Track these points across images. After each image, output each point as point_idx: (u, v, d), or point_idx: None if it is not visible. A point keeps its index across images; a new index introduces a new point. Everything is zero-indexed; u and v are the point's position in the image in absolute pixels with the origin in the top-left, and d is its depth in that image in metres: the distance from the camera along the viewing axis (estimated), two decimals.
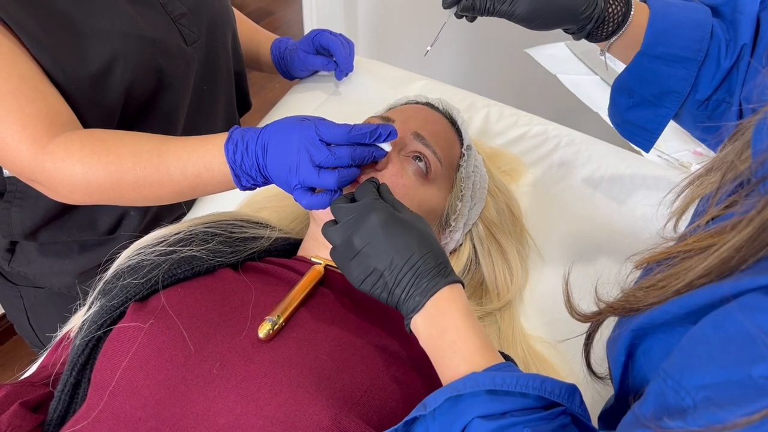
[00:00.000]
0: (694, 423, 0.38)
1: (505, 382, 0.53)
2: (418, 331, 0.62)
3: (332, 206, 0.66)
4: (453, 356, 0.59)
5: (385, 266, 0.61)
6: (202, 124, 0.96)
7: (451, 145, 0.85)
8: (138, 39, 0.79)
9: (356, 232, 0.63)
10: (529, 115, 1.16)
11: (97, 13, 0.76)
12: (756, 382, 0.36)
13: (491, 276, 0.87)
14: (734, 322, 0.39)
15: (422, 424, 0.56)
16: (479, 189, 0.87)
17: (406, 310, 0.61)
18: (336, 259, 0.65)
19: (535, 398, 0.53)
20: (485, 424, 0.52)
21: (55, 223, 0.89)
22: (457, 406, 0.54)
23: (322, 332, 0.68)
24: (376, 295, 0.63)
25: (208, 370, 0.62)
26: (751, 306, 0.38)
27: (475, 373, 0.55)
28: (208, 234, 0.78)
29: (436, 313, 0.60)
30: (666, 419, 0.40)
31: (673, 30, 0.75)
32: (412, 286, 0.61)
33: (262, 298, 0.71)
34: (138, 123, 0.84)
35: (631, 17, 0.75)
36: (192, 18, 0.87)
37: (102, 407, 0.62)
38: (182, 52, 0.86)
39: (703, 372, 0.40)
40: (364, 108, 0.97)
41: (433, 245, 0.63)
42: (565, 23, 0.76)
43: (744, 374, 0.37)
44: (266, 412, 0.59)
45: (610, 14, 0.76)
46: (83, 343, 0.69)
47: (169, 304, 0.68)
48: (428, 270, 0.61)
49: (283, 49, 1.15)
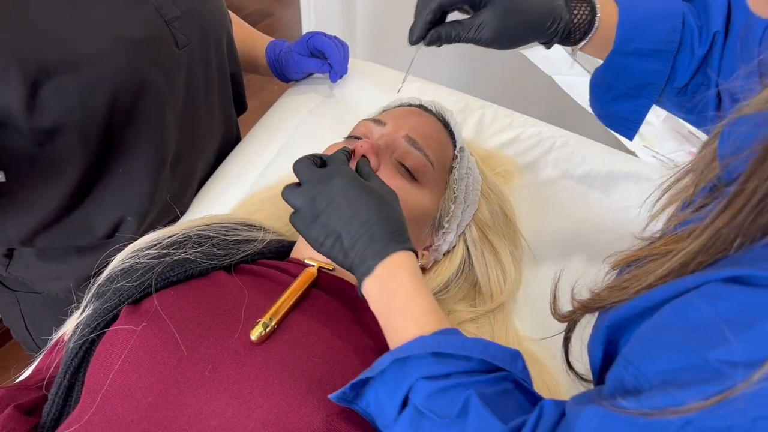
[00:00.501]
0: (648, 403, 0.39)
1: (450, 345, 0.55)
2: (369, 294, 0.63)
3: (295, 165, 0.67)
4: (401, 320, 0.60)
5: (342, 227, 0.62)
6: (196, 128, 0.96)
7: (443, 148, 0.86)
8: (126, 41, 0.78)
9: (318, 194, 0.63)
10: (523, 117, 1.16)
11: (83, 15, 0.75)
12: (712, 366, 0.37)
13: (484, 277, 0.87)
14: (694, 309, 0.40)
15: (372, 388, 0.58)
16: (472, 191, 0.87)
17: (359, 274, 0.62)
18: (296, 223, 0.65)
19: (479, 362, 0.55)
20: (428, 384, 0.54)
21: (52, 228, 0.89)
22: (403, 368, 0.56)
23: (315, 334, 0.68)
24: (333, 258, 0.64)
25: (200, 372, 0.63)
26: (710, 293, 0.39)
27: (422, 336, 0.57)
28: (202, 237, 0.79)
29: (386, 276, 0.61)
30: (619, 398, 0.41)
31: (643, 25, 0.74)
32: (366, 248, 0.61)
33: (255, 301, 0.71)
34: (128, 127, 0.84)
35: (597, 21, 0.75)
36: (185, 21, 0.87)
37: (94, 410, 0.62)
38: (173, 56, 0.85)
39: (663, 358, 0.40)
40: (358, 110, 0.98)
41: (392, 212, 0.64)
42: (533, 40, 0.75)
43: (701, 359, 0.38)
44: (258, 414, 0.59)
45: (576, 23, 0.75)
46: (77, 346, 0.69)
47: (162, 307, 0.68)
48: (383, 234, 0.62)
49: (278, 51, 1.16)
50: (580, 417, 0.44)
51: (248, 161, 1.09)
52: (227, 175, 1.07)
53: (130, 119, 0.83)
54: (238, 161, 1.09)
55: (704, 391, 0.36)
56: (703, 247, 0.42)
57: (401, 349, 0.56)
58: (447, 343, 0.55)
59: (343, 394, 0.58)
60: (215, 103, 1.00)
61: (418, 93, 1.08)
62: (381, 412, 0.58)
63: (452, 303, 0.86)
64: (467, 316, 0.84)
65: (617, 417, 0.40)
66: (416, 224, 0.80)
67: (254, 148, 1.11)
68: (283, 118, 1.17)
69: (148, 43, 0.81)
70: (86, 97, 0.77)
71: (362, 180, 0.65)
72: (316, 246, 0.64)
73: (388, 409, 0.56)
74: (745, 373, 0.35)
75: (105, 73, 0.77)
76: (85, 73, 0.75)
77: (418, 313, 0.60)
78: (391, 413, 0.56)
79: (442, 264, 0.87)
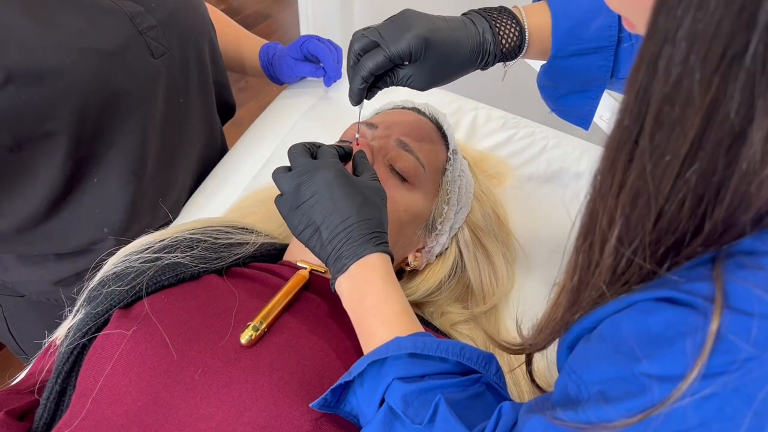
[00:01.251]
0: (584, 415, 0.41)
1: (426, 346, 0.56)
2: (341, 292, 0.65)
3: (290, 150, 0.69)
4: (372, 320, 0.62)
5: (322, 222, 0.64)
6: (176, 137, 0.95)
7: (436, 150, 0.86)
8: (94, 53, 0.77)
9: (305, 183, 0.65)
10: (516, 118, 1.16)
11: (48, 25, 0.74)
12: (638, 379, 0.38)
13: (477, 280, 0.87)
14: (627, 323, 0.41)
15: (352, 392, 0.59)
16: (465, 193, 0.87)
17: (333, 270, 0.64)
18: (280, 206, 0.67)
19: (454, 363, 0.57)
20: (403, 386, 0.55)
21: (27, 235, 0.88)
22: (380, 370, 0.57)
23: (305, 337, 0.68)
24: (310, 248, 0.66)
25: (190, 376, 0.63)
26: (642, 309, 0.40)
27: (399, 337, 0.58)
28: (194, 240, 0.79)
29: (359, 277, 0.63)
30: (560, 410, 0.43)
31: (579, 26, 0.73)
32: (342, 247, 0.63)
33: (246, 304, 0.71)
34: (101, 138, 0.83)
35: (526, 42, 0.74)
36: (161, 30, 0.85)
37: (85, 414, 0.63)
38: (147, 66, 0.84)
39: (599, 368, 0.42)
40: (352, 112, 0.97)
41: (373, 214, 0.65)
42: (465, 74, 0.75)
43: (629, 371, 0.39)
44: (247, 418, 0.59)
45: (506, 49, 0.74)
46: (68, 350, 0.69)
47: (153, 311, 0.69)
48: (361, 235, 0.63)
49: (271, 54, 1.16)
50: (527, 425, 0.46)
51: (242, 164, 1.09)
52: (220, 178, 1.07)
53: (102, 130, 0.82)
54: (231, 164, 1.09)
55: (629, 406, 0.38)
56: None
57: (378, 351, 0.57)
58: (423, 344, 0.57)
59: (324, 401, 0.59)
60: (197, 111, 0.98)
61: (411, 95, 1.09)
62: (362, 412, 0.59)
63: (445, 305, 0.86)
64: (460, 318, 0.84)
65: (558, 429, 0.42)
66: (409, 226, 0.81)
67: (248, 151, 1.12)
68: (276, 120, 1.17)
69: (119, 54, 0.79)
70: (52, 108, 0.75)
71: (350, 176, 0.66)
72: (295, 232, 0.66)
73: (368, 409, 0.58)
74: (663, 388, 0.37)
75: (71, 85, 0.75)
76: (50, 84, 0.74)
77: (388, 316, 0.61)
78: (370, 413, 0.57)
79: (435, 266, 0.87)
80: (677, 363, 0.37)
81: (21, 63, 0.72)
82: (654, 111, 0.36)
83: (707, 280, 0.38)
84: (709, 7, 0.32)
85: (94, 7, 0.79)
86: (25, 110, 0.74)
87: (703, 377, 0.35)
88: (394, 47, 0.68)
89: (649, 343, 0.38)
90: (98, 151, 0.84)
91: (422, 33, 0.68)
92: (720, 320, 0.36)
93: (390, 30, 0.69)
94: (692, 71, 0.33)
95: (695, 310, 0.37)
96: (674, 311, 0.38)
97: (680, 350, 0.37)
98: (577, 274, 0.45)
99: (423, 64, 0.70)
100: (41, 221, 0.87)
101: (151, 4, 0.85)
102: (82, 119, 0.79)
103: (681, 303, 0.38)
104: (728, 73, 0.32)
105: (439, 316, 0.85)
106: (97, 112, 0.80)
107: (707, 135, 0.34)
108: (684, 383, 0.36)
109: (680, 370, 0.36)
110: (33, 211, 0.85)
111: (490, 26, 0.72)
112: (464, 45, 0.71)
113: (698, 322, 0.36)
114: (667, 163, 0.36)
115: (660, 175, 0.37)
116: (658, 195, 0.37)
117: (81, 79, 0.76)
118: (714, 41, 0.32)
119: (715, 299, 0.36)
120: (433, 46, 0.69)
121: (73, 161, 0.82)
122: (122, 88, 0.81)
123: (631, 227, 0.39)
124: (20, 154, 0.78)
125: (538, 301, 0.89)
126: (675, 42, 0.33)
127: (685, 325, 0.37)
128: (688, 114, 0.34)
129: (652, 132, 0.36)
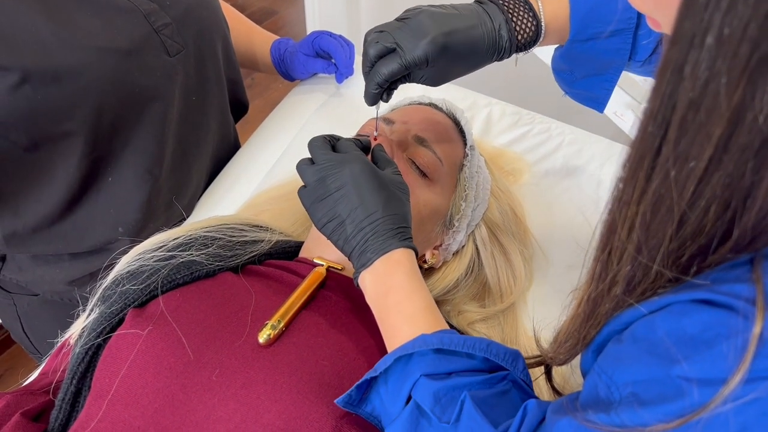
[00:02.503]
0: (617, 418, 0.40)
1: (453, 342, 0.56)
2: (365, 287, 0.64)
3: (310, 143, 0.68)
4: (396, 315, 0.61)
5: (347, 215, 0.63)
6: (191, 135, 0.95)
7: (453, 146, 0.85)
8: (110, 52, 0.76)
9: (331, 176, 0.64)
10: (531, 114, 1.15)
11: (64, 25, 0.73)
12: (674, 382, 0.38)
13: (494, 278, 0.86)
14: (662, 324, 0.40)
15: (376, 390, 0.58)
16: (482, 190, 0.86)
17: (357, 264, 0.63)
18: (304, 197, 0.66)
19: (481, 360, 0.56)
20: (430, 383, 0.54)
21: (43, 235, 0.87)
22: (407, 367, 0.56)
23: (323, 337, 0.67)
24: (333, 241, 0.65)
25: (207, 377, 0.62)
26: (678, 311, 0.40)
27: (425, 334, 0.57)
28: (208, 238, 0.78)
29: (384, 272, 0.62)
30: (591, 411, 0.42)
31: (598, 9, 0.72)
32: (367, 241, 0.62)
33: (263, 302, 0.70)
34: (117, 137, 0.82)
35: (543, 32, 0.72)
36: (176, 28, 0.85)
37: (101, 416, 0.61)
38: (163, 64, 0.83)
39: (632, 369, 0.41)
40: (364, 109, 0.96)
41: (399, 209, 0.65)
42: (479, 68, 0.73)
43: (665, 373, 0.38)
44: (266, 420, 0.58)
45: (522, 42, 0.72)
46: (83, 351, 0.68)
47: (168, 310, 0.68)
48: (386, 230, 0.63)
49: (283, 50, 1.15)
50: (557, 426, 0.45)
51: (254, 161, 1.08)
52: (233, 176, 1.06)
53: (119, 129, 0.82)
54: (244, 161, 1.08)
55: (666, 410, 0.37)
56: None
57: (404, 347, 0.57)
58: (450, 340, 0.56)
59: (349, 397, 0.58)
60: (211, 109, 0.98)
61: (426, 90, 1.07)
62: (385, 411, 0.58)
63: (462, 303, 0.85)
64: (477, 316, 0.83)
65: (589, 430, 0.42)
66: (427, 222, 0.79)
67: (260, 148, 1.10)
68: (288, 117, 1.16)
69: (135, 53, 0.79)
70: (68, 109, 0.75)
71: (376, 170, 0.65)
72: (318, 225, 0.65)
73: (393, 407, 0.57)
74: (703, 392, 0.36)
75: (88, 85, 0.75)
76: (67, 84, 0.73)
77: (413, 312, 0.61)
78: (396, 411, 0.56)
79: (452, 264, 0.86)
80: (718, 366, 0.36)
81: (37, 63, 0.71)
82: (679, 117, 0.35)
83: (746, 282, 0.37)
84: (737, 10, 0.31)
85: (109, 5, 0.78)
86: (41, 110, 0.74)
87: (746, 382, 0.35)
88: (410, 55, 0.67)
89: (686, 345, 0.38)
90: (114, 150, 0.83)
91: (439, 39, 0.67)
92: (763, 323, 0.35)
93: (405, 35, 0.68)
94: (719, 75, 0.33)
95: (735, 312, 0.36)
96: (711, 313, 0.37)
97: (720, 353, 0.36)
98: (594, 285, 0.45)
99: (438, 65, 0.69)
100: (56, 221, 0.86)
101: (165, 2, 0.84)
102: (99, 119, 0.78)
103: (719, 305, 0.37)
104: (755, 76, 0.32)
105: (456, 314, 0.84)
106: (114, 111, 0.79)
107: (733, 139, 0.34)
108: (726, 388, 0.35)
109: (722, 374, 0.35)
110: (49, 212, 0.84)
111: (506, 20, 0.71)
112: (480, 44, 0.70)
113: (739, 324, 0.36)
114: (691, 169, 0.36)
115: (683, 180, 0.36)
116: (681, 201, 0.37)
117: (97, 79, 0.75)
118: (741, 45, 0.32)
119: (756, 301, 0.36)
120: (450, 50, 0.68)
121: (89, 161, 0.81)
122: (138, 87, 0.80)
123: (651, 235, 0.39)
124: (37, 154, 0.78)
125: (556, 301, 0.88)
126: (702, 47, 0.33)
127: (725, 327, 0.36)
128: (713, 118, 0.34)
129: (677, 138, 0.36)
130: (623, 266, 0.41)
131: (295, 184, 0.95)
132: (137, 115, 0.82)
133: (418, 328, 0.59)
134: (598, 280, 0.44)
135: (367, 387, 0.59)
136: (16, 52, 0.70)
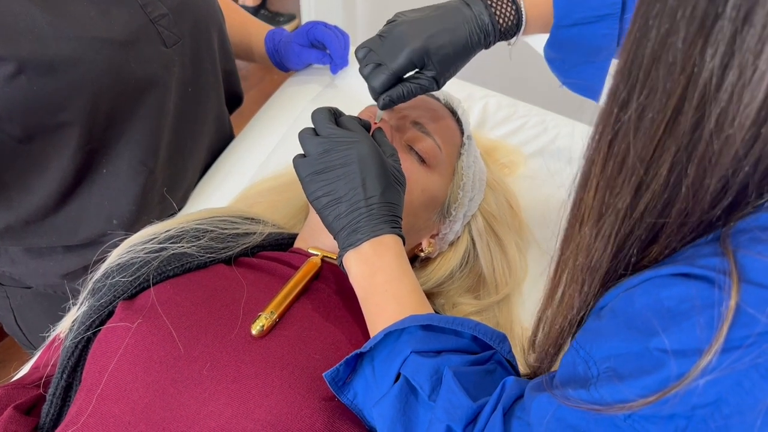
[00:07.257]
0: (597, 394, 0.40)
1: (442, 320, 0.57)
2: (349, 267, 0.63)
3: (314, 114, 0.68)
4: (383, 294, 0.61)
5: (345, 193, 0.63)
6: (187, 127, 0.94)
7: (451, 134, 0.84)
8: (106, 42, 0.75)
9: (336, 151, 0.64)
10: (527, 106, 1.14)
11: (59, 15, 0.72)
12: (652, 354, 0.38)
13: (489, 269, 0.86)
14: (639, 298, 0.41)
15: (362, 372, 0.59)
16: (479, 180, 0.86)
17: (344, 243, 0.63)
18: (301, 167, 0.65)
19: (469, 339, 0.58)
20: (420, 359, 0.55)
21: (36, 227, 0.86)
22: (396, 343, 0.57)
23: (316, 329, 0.67)
24: (323, 216, 0.64)
25: (198, 371, 0.61)
26: (657, 284, 0.40)
27: (414, 314, 0.58)
28: (200, 230, 0.77)
29: (372, 254, 0.62)
30: (569, 389, 0.43)
31: None
32: (360, 221, 0.62)
33: (255, 294, 0.69)
34: (112, 128, 0.81)
35: (524, 18, 0.73)
36: (173, 19, 0.84)
37: (90, 412, 0.61)
38: (160, 55, 0.82)
39: (610, 344, 0.41)
40: (359, 100, 0.96)
41: (395, 199, 0.65)
42: (471, 58, 0.75)
43: (642, 346, 0.39)
44: (257, 415, 0.58)
45: (504, 28, 0.73)
46: (72, 345, 0.68)
47: (159, 302, 0.67)
48: (381, 215, 0.63)
49: (277, 41, 1.13)
50: (535, 402, 0.45)
51: (248, 153, 1.07)
52: (226, 167, 1.05)
53: (114, 121, 0.81)
54: (238, 153, 1.07)
55: (644, 383, 0.38)
56: None
57: (395, 324, 0.57)
58: (439, 318, 0.57)
59: (336, 372, 0.58)
60: (207, 100, 0.97)
61: None
62: (369, 395, 0.58)
63: (456, 296, 0.85)
64: (472, 309, 0.83)
65: (569, 410, 0.42)
66: (425, 209, 0.79)
67: (254, 140, 1.10)
68: (283, 108, 1.15)
69: (131, 44, 0.78)
70: (64, 99, 0.74)
71: (382, 156, 0.65)
72: (310, 197, 0.64)
73: (381, 386, 0.57)
74: (681, 363, 0.36)
75: (83, 76, 0.74)
76: (62, 75, 0.73)
77: (401, 293, 0.61)
78: (383, 389, 0.56)
79: (447, 254, 0.85)
80: (695, 337, 0.36)
81: (33, 53, 0.70)
82: (644, 72, 0.37)
83: (718, 255, 0.38)
84: None
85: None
86: (36, 101, 0.73)
87: (722, 351, 0.35)
88: (395, 64, 0.70)
89: (664, 318, 0.38)
90: (109, 142, 0.83)
91: (418, 46, 0.69)
92: (739, 293, 0.35)
93: (385, 50, 0.71)
94: (678, 30, 0.35)
95: (711, 284, 0.37)
96: (689, 285, 0.38)
97: (697, 324, 0.36)
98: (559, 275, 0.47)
99: (431, 66, 0.71)
100: (50, 214, 0.86)
101: None
102: (94, 110, 0.77)
103: (696, 277, 0.38)
104: (710, 33, 0.34)
105: (451, 307, 0.83)
106: (109, 102, 0.78)
107: (689, 98, 0.35)
108: (704, 358, 0.35)
109: (699, 344, 0.36)
110: (42, 204, 0.83)
111: (485, 5, 0.72)
112: (462, 36, 0.71)
113: (715, 295, 0.36)
114: (648, 128, 0.37)
115: (642, 140, 0.38)
116: (642, 158, 0.38)
117: (93, 70, 0.75)
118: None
119: (730, 273, 0.36)
120: (433, 51, 0.70)
121: (83, 152, 0.81)
122: (135, 79, 0.80)
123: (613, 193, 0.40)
124: (31, 146, 0.77)
125: None
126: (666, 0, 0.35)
127: (702, 299, 0.37)
128: (673, 74, 0.35)
129: (639, 94, 0.37)
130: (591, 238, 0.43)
131: (289, 176, 0.95)
132: (133, 106, 0.81)
133: (405, 308, 0.60)
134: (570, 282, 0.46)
135: (354, 366, 0.59)
136: (11, 43, 0.69)
